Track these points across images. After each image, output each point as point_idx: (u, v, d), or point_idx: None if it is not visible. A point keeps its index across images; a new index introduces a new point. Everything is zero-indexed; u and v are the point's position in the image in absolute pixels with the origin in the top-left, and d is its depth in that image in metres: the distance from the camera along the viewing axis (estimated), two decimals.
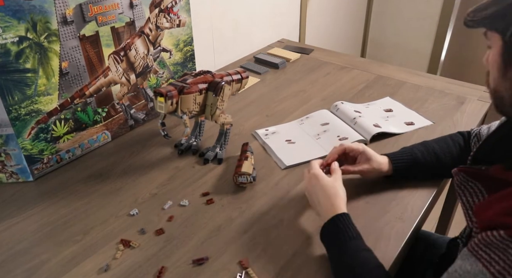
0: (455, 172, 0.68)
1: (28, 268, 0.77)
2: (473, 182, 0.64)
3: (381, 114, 1.24)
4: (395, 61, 2.67)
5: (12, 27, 0.85)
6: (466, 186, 0.65)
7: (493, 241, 0.52)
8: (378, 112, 1.25)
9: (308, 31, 2.13)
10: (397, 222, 0.86)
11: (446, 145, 0.95)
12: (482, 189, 0.63)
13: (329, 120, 1.21)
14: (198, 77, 0.99)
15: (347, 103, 1.27)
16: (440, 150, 0.94)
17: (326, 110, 1.26)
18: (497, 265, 0.51)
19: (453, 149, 0.94)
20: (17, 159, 0.96)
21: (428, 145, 0.95)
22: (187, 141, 1.11)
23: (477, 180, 0.64)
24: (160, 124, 1.00)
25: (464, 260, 0.56)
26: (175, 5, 1.16)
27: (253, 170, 0.97)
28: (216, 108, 1.00)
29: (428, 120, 1.21)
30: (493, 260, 0.51)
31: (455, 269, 0.56)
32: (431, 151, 0.94)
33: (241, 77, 1.08)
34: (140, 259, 0.79)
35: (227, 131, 1.07)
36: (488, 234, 0.53)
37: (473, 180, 0.64)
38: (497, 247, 0.52)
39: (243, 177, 0.94)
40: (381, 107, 1.28)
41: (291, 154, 1.08)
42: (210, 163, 1.05)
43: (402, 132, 1.15)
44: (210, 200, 0.93)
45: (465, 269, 0.54)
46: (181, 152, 1.09)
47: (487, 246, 0.53)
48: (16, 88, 0.90)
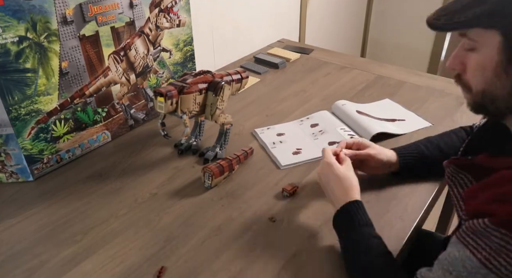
0: (446, 164, 0.70)
1: (28, 268, 0.77)
2: (463, 173, 0.66)
3: (382, 117, 1.23)
4: (395, 61, 2.67)
5: (12, 27, 0.85)
6: (456, 177, 0.67)
7: (478, 229, 0.54)
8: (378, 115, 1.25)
9: (308, 31, 2.13)
10: (397, 222, 0.86)
11: (450, 140, 0.95)
12: (472, 178, 0.64)
13: (328, 121, 1.21)
14: (198, 77, 0.99)
15: (348, 104, 1.27)
16: (445, 145, 0.94)
17: (326, 111, 1.26)
18: (483, 251, 0.53)
19: (457, 144, 0.94)
20: (17, 158, 0.96)
21: (432, 140, 0.96)
22: (187, 140, 1.11)
23: (466, 170, 0.65)
24: (160, 124, 0.99)
25: (452, 247, 0.58)
26: (175, 5, 1.16)
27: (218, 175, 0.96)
28: (216, 108, 1.00)
29: (427, 122, 1.21)
30: (480, 247, 0.53)
31: (445, 256, 0.58)
32: (436, 146, 0.94)
33: (241, 77, 1.08)
34: (140, 259, 0.79)
35: (227, 131, 1.06)
36: (474, 222, 0.55)
37: (462, 170, 0.65)
38: (483, 234, 0.53)
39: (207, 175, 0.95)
40: (381, 111, 1.27)
41: (289, 154, 1.08)
42: (210, 163, 1.05)
43: (402, 133, 1.15)
44: (211, 199, 0.93)
45: (453, 255, 0.56)
46: (181, 151, 1.09)
47: (474, 233, 0.55)
48: (16, 88, 0.89)
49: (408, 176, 0.95)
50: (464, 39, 0.62)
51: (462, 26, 0.59)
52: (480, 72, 0.60)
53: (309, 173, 1.01)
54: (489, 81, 0.60)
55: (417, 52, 2.57)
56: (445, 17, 0.59)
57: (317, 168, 0.87)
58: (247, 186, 0.97)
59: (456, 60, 0.64)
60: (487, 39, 0.58)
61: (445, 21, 0.59)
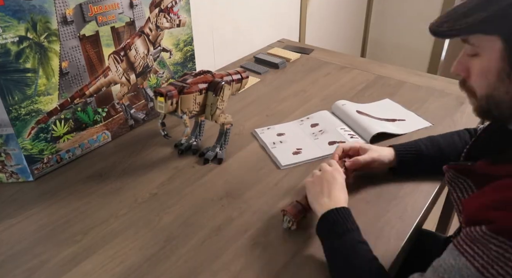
0: (445, 169, 0.69)
1: (28, 268, 0.77)
2: (463, 178, 0.65)
3: (382, 117, 1.24)
4: (395, 61, 2.67)
5: (12, 27, 0.85)
6: (456, 182, 0.67)
7: (476, 236, 0.54)
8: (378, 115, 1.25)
9: (308, 31, 2.13)
10: (397, 222, 0.86)
11: (452, 140, 0.96)
12: (472, 184, 0.64)
13: (328, 121, 1.21)
14: (198, 77, 0.99)
15: (347, 104, 1.27)
16: (446, 145, 0.95)
17: (326, 111, 1.26)
18: (480, 259, 0.52)
19: (458, 145, 0.94)
20: (17, 158, 0.96)
21: (433, 139, 0.96)
22: (187, 140, 1.11)
23: (466, 176, 0.65)
24: (160, 124, 0.99)
25: (448, 254, 0.57)
26: (175, 5, 1.16)
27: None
28: (216, 108, 1.00)
29: (427, 121, 1.21)
30: (477, 255, 0.53)
31: (440, 263, 0.58)
32: (436, 145, 0.95)
33: (241, 77, 1.08)
34: (140, 259, 0.79)
35: (227, 131, 1.06)
36: (472, 230, 0.55)
37: (462, 176, 0.65)
38: (480, 242, 0.53)
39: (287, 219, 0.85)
40: (381, 111, 1.27)
41: (289, 154, 1.08)
42: (210, 163, 1.05)
43: (403, 133, 1.15)
44: (211, 200, 0.93)
45: (449, 263, 0.56)
46: (181, 151, 1.09)
47: (471, 241, 0.54)
48: (16, 88, 0.89)
49: (406, 173, 0.96)
50: (467, 45, 0.62)
51: (464, 32, 0.59)
52: (483, 78, 0.61)
53: (309, 173, 1.01)
54: (492, 86, 0.60)
55: (417, 52, 2.57)
56: (447, 24, 0.59)
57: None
58: (247, 186, 0.97)
59: (460, 65, 0.64)
60: (488, 45, 0.58)
61: (447, 28, 0.59)
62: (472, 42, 0.60)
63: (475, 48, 0.60)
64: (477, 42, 0.60)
